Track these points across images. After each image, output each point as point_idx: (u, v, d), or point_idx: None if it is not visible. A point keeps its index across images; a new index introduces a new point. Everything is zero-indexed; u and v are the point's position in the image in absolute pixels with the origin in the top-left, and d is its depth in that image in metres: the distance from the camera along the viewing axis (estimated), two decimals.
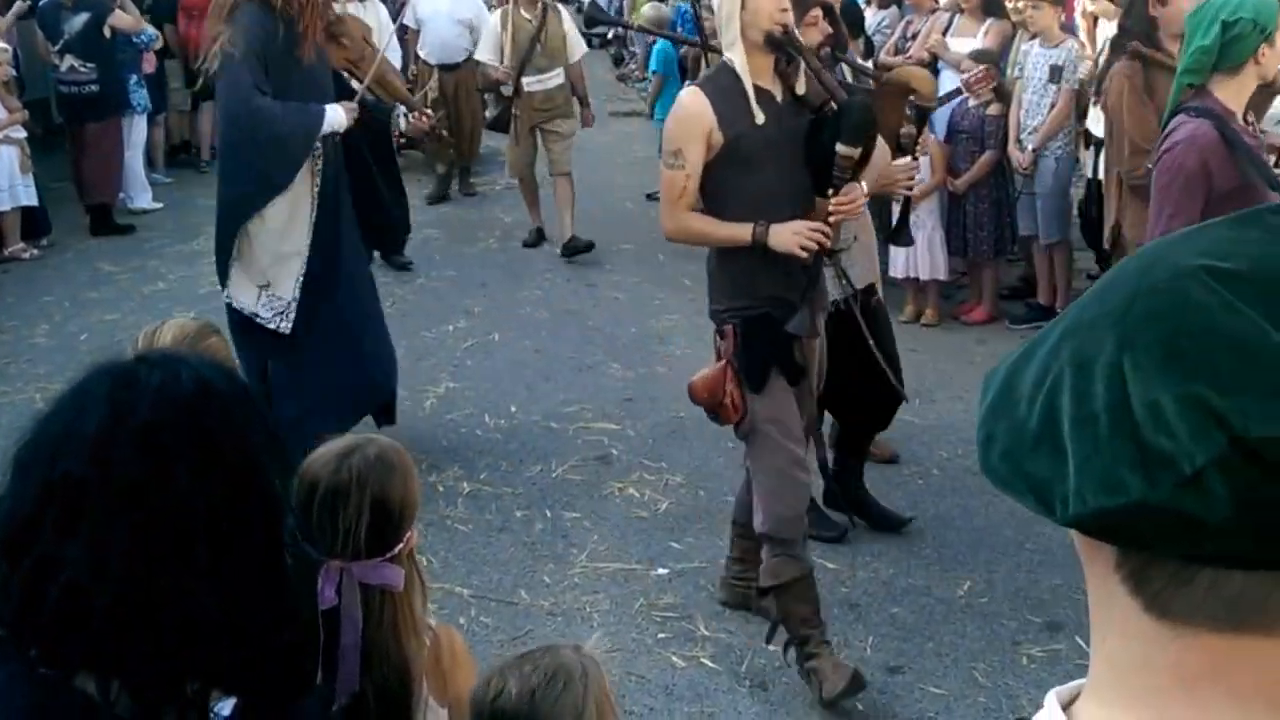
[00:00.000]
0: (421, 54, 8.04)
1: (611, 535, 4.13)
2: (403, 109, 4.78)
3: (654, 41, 8.83)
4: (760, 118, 3.05)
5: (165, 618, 1.08)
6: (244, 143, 4.09)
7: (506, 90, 7.09)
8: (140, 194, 8.47)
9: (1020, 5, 5.94)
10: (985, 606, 3.66)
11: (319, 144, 4.19)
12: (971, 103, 5.98)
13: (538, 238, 7.51)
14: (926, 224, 6.12)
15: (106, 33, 7.81)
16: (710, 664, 3.41)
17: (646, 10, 9.20)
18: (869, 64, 6.25)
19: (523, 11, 7.03)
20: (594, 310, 6.45)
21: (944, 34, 6.29)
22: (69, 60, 7.76)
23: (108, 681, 1.07)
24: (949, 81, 6.22)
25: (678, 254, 6.19)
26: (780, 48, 3.07)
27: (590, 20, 7.14)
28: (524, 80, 7.06)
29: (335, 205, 4.30)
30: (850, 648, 3.47)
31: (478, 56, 7.32)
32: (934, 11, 6.49)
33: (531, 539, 4.12)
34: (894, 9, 6.89)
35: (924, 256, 6.10)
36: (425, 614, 1.80)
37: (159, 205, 8.52)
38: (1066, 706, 0.67)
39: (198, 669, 1.11)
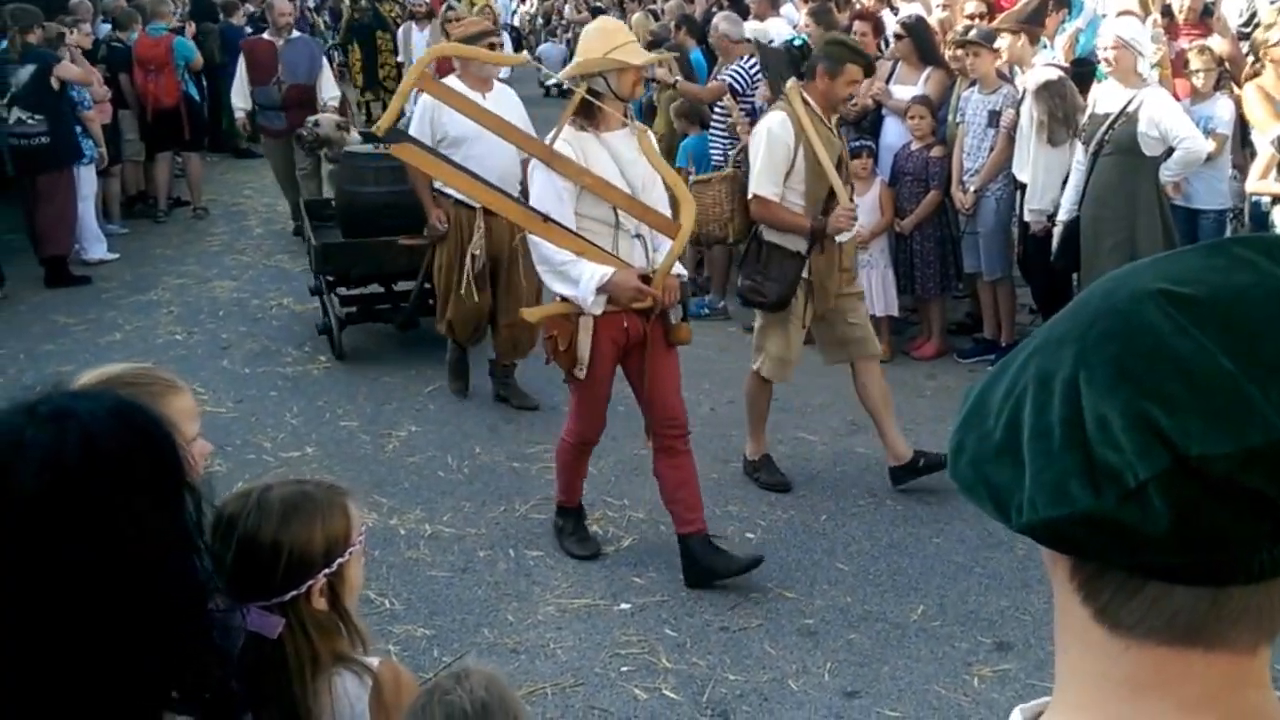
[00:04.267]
0: (449, 188, 5.12)
1: (574, 573, 4.19)
2: None
3: None
4: None
5: (63, 696, 1.05)
6: None
7: (793, 244, 4.50)
8: (94, 245, 8.44)
9: (959, 53, 6.19)
10: (938, 630, 3.76)
11: None
12: (914, 146, 6.20)
13: (780, 479, 4.80)
14: (878, 263, 6.31)
15: (54, 84, 7.81)
16: (672, 695, 3.47)
17: None
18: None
19: (822, 120, 4.53)
20: None
21: (886, 81, 6.52)
22: (17, 112, 7.74)
23: None
24: (893, 127, 6.45)
25: None
26: None
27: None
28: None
29: None
30: (808, 674, 3.55)
31: (758, 190, 4.48)
32: (876, 59, 6.72)
33: (495, 578, 4.16)
34: None
35: (876, 294, 6.28)
36: (362, 655, 1.75)
37: (114, 256, 8.50)
38: None
39: None
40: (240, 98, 8.75)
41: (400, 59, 10.12)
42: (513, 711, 1.68)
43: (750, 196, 4.54)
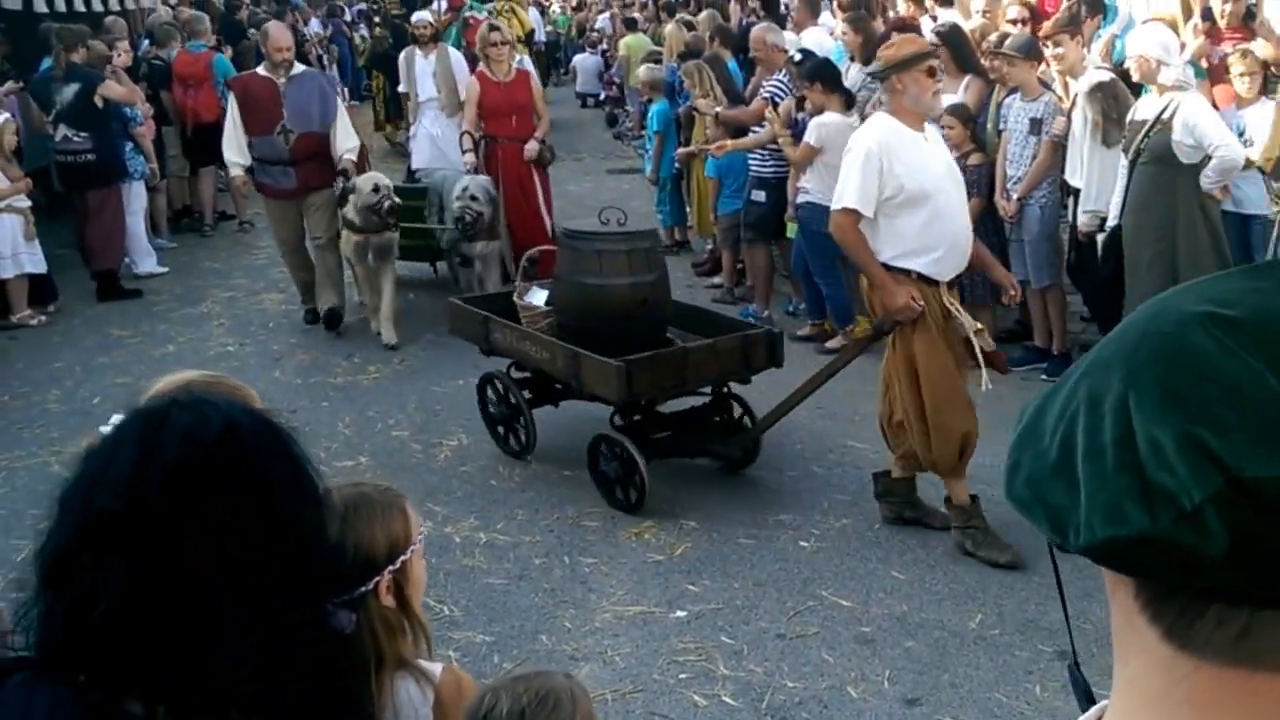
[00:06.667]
0: (921, 267, 4.28)
1: (629, 580, 4.22)
2: None
3: (648, 101, 8.99)
4: None
5: (201, 646, 1.13)
6: None
7: None
8: (144, 259, 8.61)
9: (996, 63, 6.20)
10: (997, 638, 3.77)
11: None
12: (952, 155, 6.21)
13: None
14: None
15: (98, 102, 7.97)
16: (731, 701, 3.50)
17: (641, 72, 9.48)
18: (852, 118, 6.47)
19: None
20: None
21: None
22: (63, 130, 7.91)
23: (153, 706, 1.11)
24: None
25: None
26: None
27: None
28: None
29: None
30: (867, 681, 3.57)
31: None
32: None
33: (551, 585, 4.21)
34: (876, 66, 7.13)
35: None
36: (422, 656, 1.82)
37: (164, 269, 8.67)
38: None
39: (240, 697, 1.15)
40: (235, 149, 6.93)
41: (403, 88, 8.93)
42: None
43: None
